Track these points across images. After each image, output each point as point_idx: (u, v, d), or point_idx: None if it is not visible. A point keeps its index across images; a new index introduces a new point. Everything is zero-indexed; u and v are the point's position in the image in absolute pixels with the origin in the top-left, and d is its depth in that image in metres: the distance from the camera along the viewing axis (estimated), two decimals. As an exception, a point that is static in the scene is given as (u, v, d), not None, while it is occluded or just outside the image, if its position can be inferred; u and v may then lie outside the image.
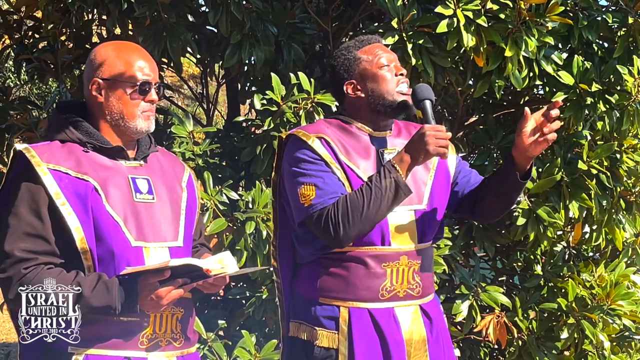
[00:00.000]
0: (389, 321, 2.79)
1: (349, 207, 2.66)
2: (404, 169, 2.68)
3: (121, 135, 2.54)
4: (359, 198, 2.66)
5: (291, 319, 2.92)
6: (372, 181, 2.68)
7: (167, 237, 2.52)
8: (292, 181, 2.79)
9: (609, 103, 4.16)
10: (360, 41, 2.89)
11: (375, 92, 2.82)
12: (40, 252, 2.38)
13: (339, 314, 2.78)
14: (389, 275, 2.78)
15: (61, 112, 2.56)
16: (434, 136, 2.64)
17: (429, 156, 2.68)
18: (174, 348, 2.52)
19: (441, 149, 2.65)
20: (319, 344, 2.79)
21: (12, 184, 2.45)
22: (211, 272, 2.39)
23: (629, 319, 4.37)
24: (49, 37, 4.80)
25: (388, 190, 2.66)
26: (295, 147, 2.81)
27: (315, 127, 2.86)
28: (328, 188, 2.72)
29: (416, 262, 2.83)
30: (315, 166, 2.75)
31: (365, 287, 2.78)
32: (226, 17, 4.05)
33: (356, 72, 2.85)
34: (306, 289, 2.87)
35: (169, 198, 2.58)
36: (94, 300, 2.35)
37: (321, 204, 2.69)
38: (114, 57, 2.52)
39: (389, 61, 2.85)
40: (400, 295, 2.81)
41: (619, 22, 4.24)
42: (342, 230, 2.67)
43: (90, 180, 2.43)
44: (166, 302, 2.38)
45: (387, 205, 2.68)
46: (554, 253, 4.61)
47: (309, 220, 2.73)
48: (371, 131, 2.86)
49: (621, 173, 4.37)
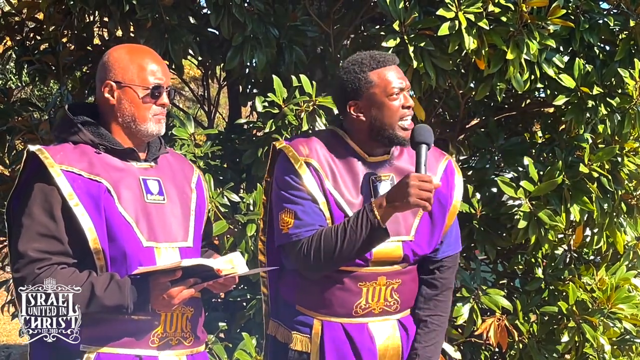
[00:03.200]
0: (363, 336, 2.79)
1: (322, 245, 2.64)
2: (381, 213, 2.61)
3: (132, 137, 2.57)
4: (333, 238, 2.63)
5: (272, 317, 2.96)
6: (349, 222, 2.64)
7: (177, 238, 2.55)
8: (277, 203, 2.79)
9: (610, 106, 4.16)
10: (376, 61, 2.74)
11: (378, 121, 2.72)
12: (53, 252, 2.41)
13: (313, 324, 2.80)
14: (364, 294, 2.77)
15: (72, 115, 2.58)
16: (418, 187, 2.57)
17: (409, 206, 2.60)
18: (184, 347, 2.55)
19: (422, 202, 2.58)
20: (294, 347, 2.81)
21: (26, 185, 2.48)
22: (222, 272, 2.41)
23: (630, 323, 4.37)
24: (51, 39, 4.80)
25: (363, 234, 2.61)
26: (283, 168, 2.78)
27: (308, 147, 2.77)
28: (307, 219, 2.69)
29: (395, 281, 2.80)
30: (298, 192, 2.72)
31: (339, 304, 2.77)
32: (228, 19, 4.05)
33: (364, 95, 2.72)
34: (287, 294, 2.89)
35: (179, 199, 2.61)
36: (107, 300, 2.38)
37: (297, 235, 2.69)
38: (126, 61, 2.54)
39: (400, 90, 2.72)
40: (375, 312, 2.80)
41: (621, 25, 4.24)
42: (314, 265, 2.67)
43: (102, 181, 2.46)
44: (177, 302, 2.41)
45: (361, 247, 2.64)
46: (555, 256, 4.61)
47: (285, 246, 2.75)
48: (365, 155, 2.79)
49: (622, 176, 4.37)
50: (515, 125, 4.94)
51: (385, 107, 2.72)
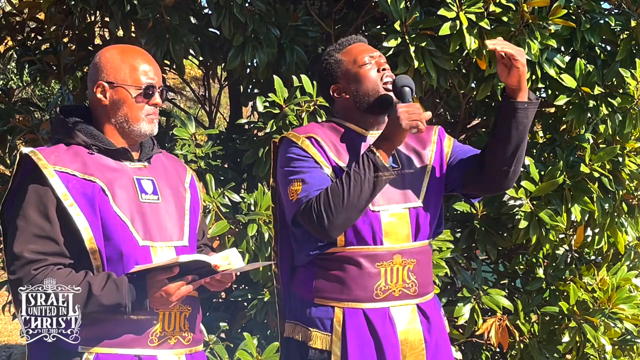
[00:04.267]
0: (384, 321, 2.78)
1: (330, 196, 2.65)
2: (381, 152, 2.66)
3: (125, 137, 2.56)
4: (339, 186, 2.65)
5: (287, 319, 2.93)
6: (351, 168, 2.67)
7: (173, 237, 2.55)
8: (283, 181, 2.80)
9: (611, 106, 4.16)
10: (340, 44, 2.90)
11: (360, 92, 2.81)
12: (49, 253, 2.40)
13: (334, 314, 2.78)
14: (383, 275, 2.77)
15: (65, 116, 2.57)
16: (406, 112, 2.63)
17: (403, 132, 2.65)
18: (183, 346, 2.55)
19: (414, 122, 2.62)
20: (313, 345, 2.79)
21: (20, 187, 2.47)
22: (219, 267, 2.42)
23: (631, 323, 4.37)
24: (52, 39, 4.80)
25: (367, 174, 2.65)
26: (285, 147, 2.82)
27: (306, 128, 2.87)
28: (314, 182, 2.71)
29: (410, 261, 2.81)
30: (305, 163, 2.76)
31: (359, 287, 2.77)
32: (229, 20, 4.06)
33: (339, 75, 2.85)
34: (302, 290, 2.87)
35: (173, 198, 2.61)
36: (104, 299, 2.37)
37: (306, 197, 2.69)
38: (118, 61, 2.54)
39: (371, 58, 2.83)
40: (395, 294, 2.80)
41: (622, 25, 4.24)
42: (326, 220, 2.65)
43: (97, 181, 2.45)
44: (175, 299, 2.41)
45: (368, 189, 2.66)
46: (556, 256, 4.61)
47: (297, 215, 2.73)
48: (363, 131, 2.85)
49: (623, 176, 4.37)
50: (516, 125, 4.93)
51: (361, 76, 2.81)
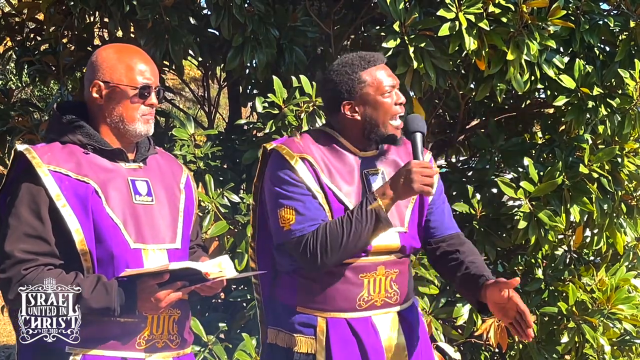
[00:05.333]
0: (367, 329, 2.79)
1: (327, 237, 2.65)
2: (385, 203, 2.67)
3: (121, 137, 2.55)
4: (339, 229, 2.66)
5: (269, 325, 2.93)
6: (353, 213, 2.67)
7: (165, 239, 2.53)
8: (273, 201, 2.78)
9: (610, 107, 4.16)
10: (366, 61, 2.80)
11: (372, 120, 2.79)
12: (40, 253, 2.39)
13: (317, 323, 2.79)
14: (366, 286, 2.78)
15: (62, 114, 2.56)
16: (420, 173, 2.63)
17: (413, 193, 2.68)
18: (171, 349, 2.53)
19: (426, 187, 2.64)
20: (298, 350, 2.80)
21: (13, 185, 2.46)
22: (210, 275, 2.40)
23: (630, 323, 4.37)
24: (51, 40, 4.80)
25: (368, 223, 2.66)
26: (277, 165, 2.78)
27: (300, 145, 2.81)
28: (308, 214, 2.70)
29: (393, 271, 2.82)
30: (297, 189, 2.73)
31: (342, 298, 2.77)
32: (228, 20, 4.06)
33: (357, 95, 2.78)
34: (285, 297, 2.87)
35: (167, 200, 2.58)
36: (93, 302, 2.36)
37: (300, 230, 2.69)
38: (115, 60, 2.53)
39: (391, 88, 2.80)
40: (377, 304, 2.81)
41: (621, 25, 4.25)
42: (319, 260, 2.67)
43: (90, 182, 2.44)
44: (165, 305, 2.39)
45: (366, 236, 2.68)
46: (554, 257, 4.61)
47: (287, 243, 2.73)
48: (357, 151, 2.84)
49: (622, 177, 4.37)
50: (516, 125, 4.94)
51: (380, 105, 2.78)
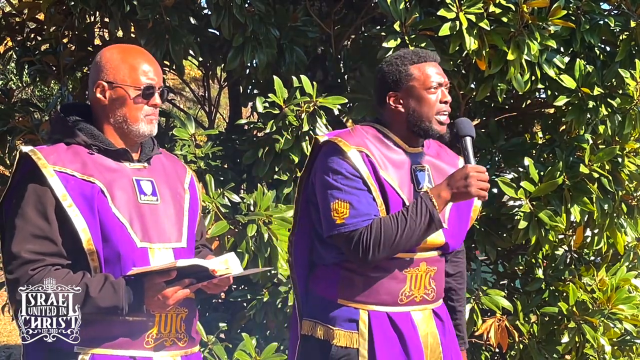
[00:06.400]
0: (408, 324, 2.83)
1: (382, 234, 2.69)
2: (440, 204, 2.71)
3: (124, 138, 2.55)
4: (393, 226, 2.69)
5: (304, 317, 2.94)
6: (407, 211, 2.70)
7: (171, 238, 2.54)
8: (325, 192, 2.79)
9: (610, 107, 4.16)
10: (418, 56, 2.85)
11: (416, 113, 2.82)
12: (47, 253, 2.39)
13: (359, 316, 2.81)
14: (408, 281, 2.83)
15: (65, 114, 2.57)
16: (477, 178, 2.68)
17: (469, 197, 2.72)
18: (179, 348, 2.54)
19: (482, 192, 2.69)
20: (337, 343, 2.81)
21: (19, 186, 2.46)
22: (217, 272, 2.41)
23: (630, 323, 4.37)
24: (51, 40, 4.80)
25: (422, 223, 2.69)
26: (332, 156, 2.80)
27: (355, 137, 2.83)
28: (362, 208, 2.73)
29: (433, 269, 2.87)
30: (352, 182, 2.75)
31: (386, 292, 2.81)
32: (228, 20, 4.06)
33: (404, 87, 2.83)
34: (324, 289, 2.88)
35: (172, 199, 2.59)
36: (101, 301, 2.37)
37: (354, 225, 2.71)
38: (118, 61, 2.53)
39: (439, 85, 2.84)
40: (417, 300, 2.85)
41: (621, 25, 4.25)
42: (371, 255, 2.70)
43: (96, 182, 2.44)
44: (172, 302, 2.40)
45: (418, 236, 2.72)
46: (555, 257, 4.61)
47: (338, 236, 2.75)
48: (406, 146, 2.87)
49: (623, 177, 4.37)
50: (516, 125, 4.94)
51: (423, 100, 2.82)
